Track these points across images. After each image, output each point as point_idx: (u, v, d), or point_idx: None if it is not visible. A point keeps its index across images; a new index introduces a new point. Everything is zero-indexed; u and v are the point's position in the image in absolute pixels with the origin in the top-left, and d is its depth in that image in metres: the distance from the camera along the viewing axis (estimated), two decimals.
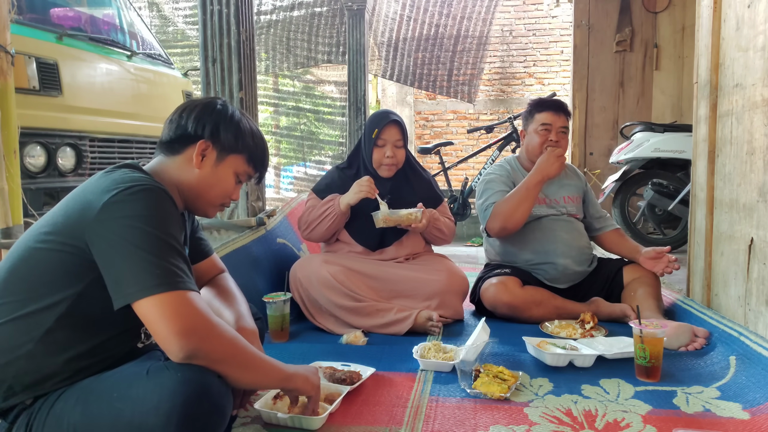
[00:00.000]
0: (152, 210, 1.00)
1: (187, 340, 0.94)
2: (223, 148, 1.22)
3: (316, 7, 6.58)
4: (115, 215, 0.97)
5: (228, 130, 1.22)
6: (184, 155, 1.20)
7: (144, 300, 0.94)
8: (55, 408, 0.96)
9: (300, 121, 7.97)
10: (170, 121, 1.24)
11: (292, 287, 2.20)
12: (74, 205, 1.03)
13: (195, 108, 1.24)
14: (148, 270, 0.95)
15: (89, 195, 1.02)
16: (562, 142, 2.36)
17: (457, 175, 7.09)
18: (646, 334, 1.62)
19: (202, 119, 1.21)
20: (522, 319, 2.23)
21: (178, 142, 1.21)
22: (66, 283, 1.00)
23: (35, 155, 2.95)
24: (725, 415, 1.40)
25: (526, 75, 8.02)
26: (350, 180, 2.34)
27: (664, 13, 4.82)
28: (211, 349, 0.97)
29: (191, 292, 0.98)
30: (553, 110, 2.37)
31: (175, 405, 0.90)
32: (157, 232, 0.98)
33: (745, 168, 1.87)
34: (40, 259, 1.01)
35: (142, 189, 1.01)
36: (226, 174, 1.23)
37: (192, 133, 1.20)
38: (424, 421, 1.38)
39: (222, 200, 1.26)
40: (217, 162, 1.22)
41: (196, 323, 0.95)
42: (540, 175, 2.25)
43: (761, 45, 1.78)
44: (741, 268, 1.89)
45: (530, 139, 2.41)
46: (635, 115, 4.88)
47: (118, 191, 0.99)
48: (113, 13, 3.96)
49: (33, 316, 0.99)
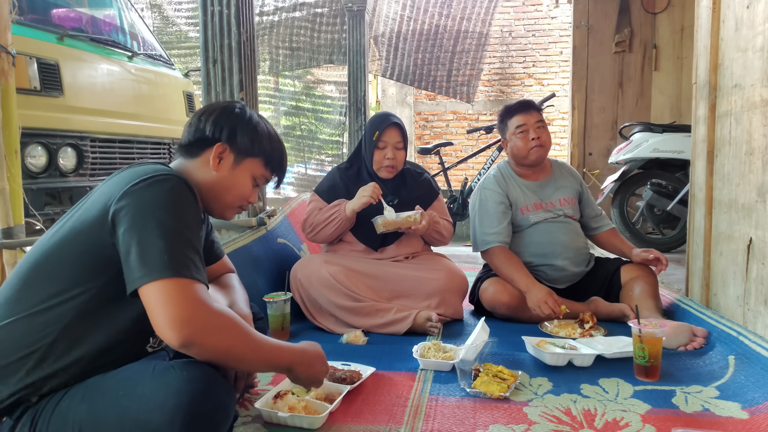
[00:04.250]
0: (171, 198, 1.01)
1: (182, 331, 0.93)
2: (240, 152, 1.23)
3: (317, 8, 6.59)
4: (134, 202, 0.99)
5: (245, 133, 1.24)
6: (202, 158, 1.22)
7: (148, 285, 0.94)
8: (61, 405, 0.96)
9: (300, 121, 7.98)
10: (189, 125, 1.26)
11: (292, 287, 2.21)
12: (99, 198, 1.04)
13: (213, 111, 1.25)
14: (157, 256, 0.95)
15: (112, 187, 1.03)
16: (543, 136, 2.36)
17: (456, 175, 7.09)
18: (645, 334, 1.62)
19: (220, 122, 1.23)
20: (521, 318, 2.24)
21: (196, 145, 1.23)
22: (85, 278, 1.01)
23: (36, 155, 2.95)
24: (724, 415, 1.40)
25: (526, 76, 8.03)
26: (352, 180, 2.35)
27: (663, 13, 4.83)
28: (207, 342, 0.96)
29: (197, 282, 0.98)
30: (522, 111, 2.38)
31: (180, 403, 0.90)
32: (172, 221, 0.99)
33: (744, 168, 1.88)
34: (63, 253, 1.02)
35: (164, 178, 1.03)
36: (243, 177, 1.25)
37: (209, 136, 1.22)
38: (424, 420, 1.39)
39: (239, 203, 1.27)
40: (234, 165, 1.23)
41: (193, 313, 0.94)
42: (528, 300, 2.13)
43: (760, 45, 1.79)
44: (740, 267, 1.90)
45: (512, 143, 2.40)
46: (634, 115, 4.88)
47: (140, 179, 1.01)
48: (114, 14, 3.97)
49: (51, 311, 0.99)
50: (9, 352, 0.98)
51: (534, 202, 2.38)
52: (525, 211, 2.38)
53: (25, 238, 2.09)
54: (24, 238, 2.08)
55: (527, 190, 2.40)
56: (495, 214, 2.34)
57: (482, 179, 2.49)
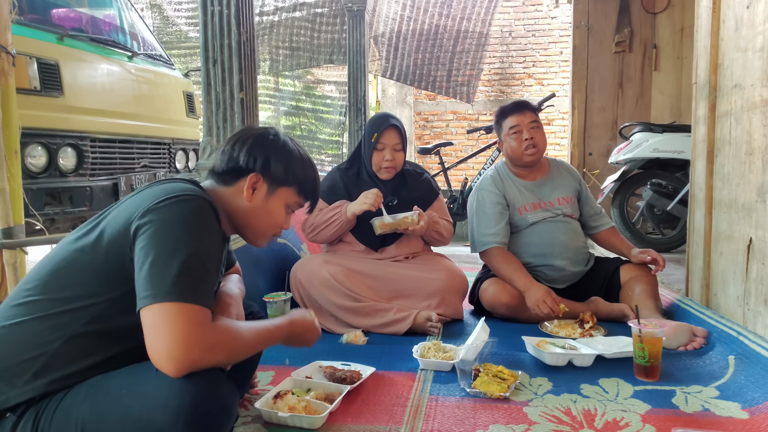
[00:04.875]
0: (191, 219, 1.01)
1: (179, 364, 0.91)
2: (274, 181, 1.23)
3: (317, 8, 6.59)
4: (156, 219, 0.99)
5: (278, 162, 1.23)
6: (235, 187, 1.21)
7: (148, 307, 0.94)
8: (64, 403, 0.96)
9: (300, 121, 7.98)
10: (223, 152, 1.25)
11: (292, 287, 2.21)
12: (124, 210, 1.04)
13: (247, 140, 1.25)
14: (167, 278, 0.94)
15: (139, 201, 1.04)
16: (537, 137, 2.36)
17: (456, 175, 7.09)
18: (645, 334, 1.62)
19: (254, 152, 1.22)
20: (521, 319, 2.24)
21: (229, 174, 1.22)
22: (100, 289, 1.01)
23: (36, 155, 2.95)
24: (724, 415, 1.40)
25: (526, 76, 8.03)
26: (352, 181, 2.35)
27: (663, 13, 4.83)
28: (204, 364, 0.95)
29: (199, 306, 0.96)
30: (515, 112, 2.38)
31: (183, 403, 0.90)
32: (190, 242, 0.98)
33: (744, 168, 1.88)
34: (83, 261, 1.02)
35: (188, 199, 1.03)
36: (277, 206, 1.25)
37: (243, 167, 1.21)
38: (424, 420, 1.39)
39: (273, 231, 1.28)
40: (267, 195, 1.23)
41: (191, 344, 0.92)
42: (527, 300, 2.13)
43: (760, 45, 1.79)
44: (740, 267, 1.90)
45: (507, 144, 2.41)
46: (634, 115, 4.88)
47: (165, 197, 1.01)
48: (114, 14, 3.97)
49: (65, 315, 0.99)
50: (18, 352, 0.98)
51: (532, 201, 2.38)
52: (523, 211, 2.38)
53: (25, 238, 2.09)
54: (24, 238, 2.08)
55: (525, 190, 2.40)
56: (492, 215, 2.34)
57: (480, 180, 2.49)
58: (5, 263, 2.02)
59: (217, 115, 2.55)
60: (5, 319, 1.01)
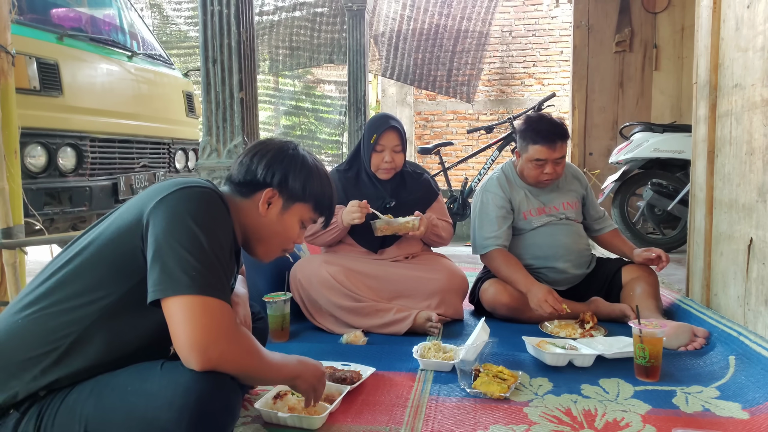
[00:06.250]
0: (203, 209, 1.01)
1: (204, 356, 0.93)
2: (290, 197, 1.23)
3: (317, 8, 6.59)
4: (168, 208, 0.99)
5: (297, 178, 1.23)
6: (251, 200, 1.21)
7: (172, 299, 0.94)
8: (68, 399, 0.96)
9: (300, 121, 7.98)
10: (241, 163, 1.24)
11: (292, 287, 2.21)
12: (136, 203, 1.05)
13: (267, 153, 1.24)
14: (185, 269, 0.94)
15: (150, 193, 1.04)
16: (559, 170, 2.28)
17: (457, 175, 7.09)
18: (646, 334, 1.62)
19: (272, 166, 1.22)
20: (521, 319, 2.24)
21: (246, 186, 1.22)
22: (110, 282, 1.01)
23: (36, 155, 2.95)
24: (724, 415, 1.40)
25: (526, 75, 8.02)
26: (351, 182, 2.34)
27: (664, 13, 4.83)
28: (225, 367, 0.97)
29: (221, 302, 0.97)
30: (548, 144, 2.21)
31: (188, 401, 0.90)
32: (202, 233, 0.98)
33: (745, 168, 1.88)
34: (94, 255, 1.02)
35: (200, 190, 1.03)
36: (291, 222, 1.24)
37: (261, 180, 1.21)
38: (424, 420, 1.38)
39: (285, 246, 1.27)
40: (283, 210, 1.22)
41: (216, 339, 0.94)
42: (530, 300, 2.11)
43: (760, 45, 1.79)
44: (740, 268, 1.90)
45: (524, 166, 2.32)
46: (635, 115, 4.88)
47: (177, 187, 1.02)
48: (114, 14, 3.97)
49: (74, 312, 0.99)
50: (27, 346, 0.97)
51: (537, 207, 2.37)
52: (528, 215, 2.36)
53: (24, 238, 2.09)
54: (23, 238, 2.07)
55: (531, 195, 2.38)
56: (495, 219, 2.32)
57: (486, 180, 2.44)
58: (5, 263, 2.02)
59: (216, 115, 2.55)
60: (19, 311, 1.01)
